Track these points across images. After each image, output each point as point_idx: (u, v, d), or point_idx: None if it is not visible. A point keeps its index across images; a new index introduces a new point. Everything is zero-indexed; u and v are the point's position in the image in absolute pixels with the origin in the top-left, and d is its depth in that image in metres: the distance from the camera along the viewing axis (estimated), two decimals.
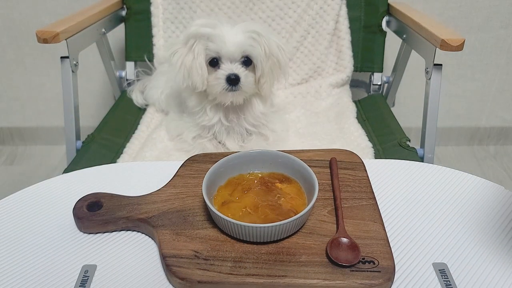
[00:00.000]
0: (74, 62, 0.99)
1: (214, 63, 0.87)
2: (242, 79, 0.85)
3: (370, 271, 0.50)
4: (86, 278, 0.52)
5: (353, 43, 1.21)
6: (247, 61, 0.87)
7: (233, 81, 0.84)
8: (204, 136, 0.96)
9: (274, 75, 0.90)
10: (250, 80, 0.87)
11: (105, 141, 1.00)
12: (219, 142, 0.97)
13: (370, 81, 1.25)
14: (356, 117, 1.10)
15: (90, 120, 1.56)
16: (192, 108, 0.94)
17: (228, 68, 0.85)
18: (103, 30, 1.13)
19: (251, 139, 0.98)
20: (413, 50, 1.10)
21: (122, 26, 1.23)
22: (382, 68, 1.23)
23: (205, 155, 0.71)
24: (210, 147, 0.95)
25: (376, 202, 0.61)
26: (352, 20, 1.20)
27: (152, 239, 0.58)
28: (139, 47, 1.23)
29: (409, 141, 0.96)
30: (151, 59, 1.22)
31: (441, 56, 0.93)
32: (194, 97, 0.93)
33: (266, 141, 0.98)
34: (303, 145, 0.98)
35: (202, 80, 0.87)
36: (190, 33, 0.86)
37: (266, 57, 0.87)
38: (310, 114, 1.12)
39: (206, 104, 0.92)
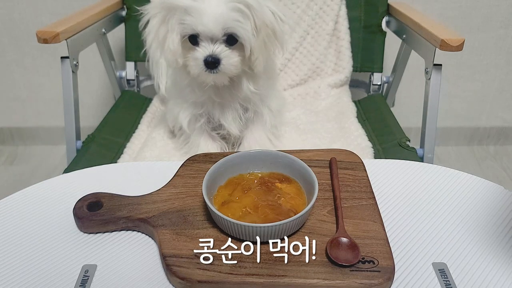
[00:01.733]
0: (74, 62, 0.99)
1: (194, 40, 0.76)
2: (223, 61, 0.75)
3: (370, 271, 0.50)
4: (86, 278, 0.52)
5: (353, 43, 1.21)
6: (232, 39, 0.75)
7: (211, 64, 0.75)
8: (199, 118, 0.90)
9: (268, 49, 0.78)
10: (234, 61, 0.76)
11: (105, 141, 1.00)
12: (215, 132, 0.92)
13: (370, 81, 1.25)
14: (356, 117, 1.10)
15: (90, 120, 1.56)
16: (181, 82, 0.86)
17: (207, 48, 0.74)
18: (103, 30, 1.13)
19: (248, 118, 0.92)
20: (412, 50, 1.10)
21: (122, 26, 1.23)
22: (382, 68, 1.23)
23: (205, 155, 0.71)
24: (204, 146, 0.92)
25: (376, 202, 0.61)
26: (351, 20, 1.20)
27: (152, 239, 0.58)
28: (139, 47, 1.23)
29: (409, 141, 0.96)
30: None
31: (440, 56, 0.93)
32: (179, 72, 0.84)
33: (263, 125, 0.93)
34: (304, 144, 0.98)
35: (174, 58, 0.77)
36: (164, 3, 0.75)
37: (257, 31, 0.74)
38: (310, 113, 1.12)
39: (192, 80, 0.83)
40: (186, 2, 0.72)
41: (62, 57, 0.98)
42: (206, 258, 0.52)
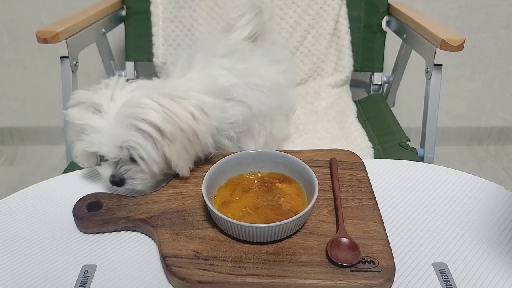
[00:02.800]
0: (74, 62, 0.99)
1: None
2: (128, 181, 0.64)
3: (370, 271, 0.50)
4: (86, 278, 0.52)
5: (353, 43, 1.21)
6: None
7: (117, 183, 0.64)
8: None
9: (192, 151, 0.64)
10: (143, 178, 0.64)
11: None
12: None
13: (370, 81, 1.25)
14: (357, 117, 1.10)
15: None
16: None
17: (108, 168, 0.65)
18: (103, 30, 1.13)
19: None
20: (413, 50, 1.10)
21: (122, 26, 1.23)
22: (382, 68, 1.23)
23: (205, 155, 0.71)
24: None
25: (376, 202, 0.61)
26: (352, 20, 1.20)
27: (152, 239, 0.58)
28: (139, 46, 1.23)
29: (409, 141, 0.96)
30: (150, 59, 1.22)
31: (441, 56, 0.93)
32: None
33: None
34: (304, 144, 0.98)
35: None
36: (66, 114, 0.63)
37: (170, 140, 0.61)
38: (310, 113, 1.12)
39: None
40: (82, 120, 0.62)
41: (61, 57, 0.98)
42: (206, 258, 0.52)
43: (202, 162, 0.63)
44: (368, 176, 0.66)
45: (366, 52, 1.22)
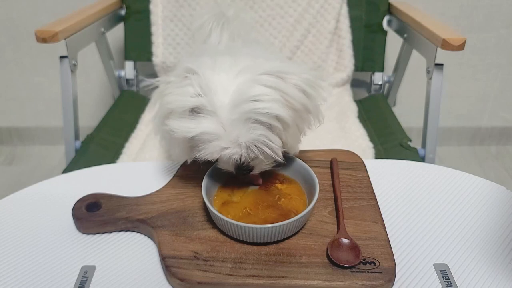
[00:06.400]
0: (73, 62, 0.99)
1: None
2: (256, 168, 0.59)
3: (371, 272, 0.50)
4: (85, 279, 0.51)
5: (354, 42, 1.20)
6: None
7: (243, 172, 0.59)
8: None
9: (301, 128, 0.61)
10: (269, 160, 0.60)
11: (104, 141, 1.00)
12: None
13: (371, 80, 1.25)
14: (358, 117, 1.09)
15: (89, 120, 1.55)
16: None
17: (229, 166, 0.59)
18: (102, 29, 1.13)
19: None
20: (414, 50, 1.10)
21: (121, 26, 1.23)
22: (383, 67, 1.23)
23: None
24: None
25: (377, 203, 0.60)
26: (353, 19, 1.20)
27: (152, 240, 0.57)
28: (139, 46, 1.23)
29: (410, 141, 0.96)
30: (150, 58, 1.22)
31: (442, 55, 0.93)
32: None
33: None
34: (304, 144, 0.97)
35: (186, 157, 0.62)
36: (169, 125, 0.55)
37: (288, 125, 0.57)
38: None
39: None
40: (195, 131, 0.53)
41: (61, 57, 0.98)
42: (205, 259, 0.51)
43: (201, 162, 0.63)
44: (368, 176, 0.66)
45: (367, 52, 1.22)
